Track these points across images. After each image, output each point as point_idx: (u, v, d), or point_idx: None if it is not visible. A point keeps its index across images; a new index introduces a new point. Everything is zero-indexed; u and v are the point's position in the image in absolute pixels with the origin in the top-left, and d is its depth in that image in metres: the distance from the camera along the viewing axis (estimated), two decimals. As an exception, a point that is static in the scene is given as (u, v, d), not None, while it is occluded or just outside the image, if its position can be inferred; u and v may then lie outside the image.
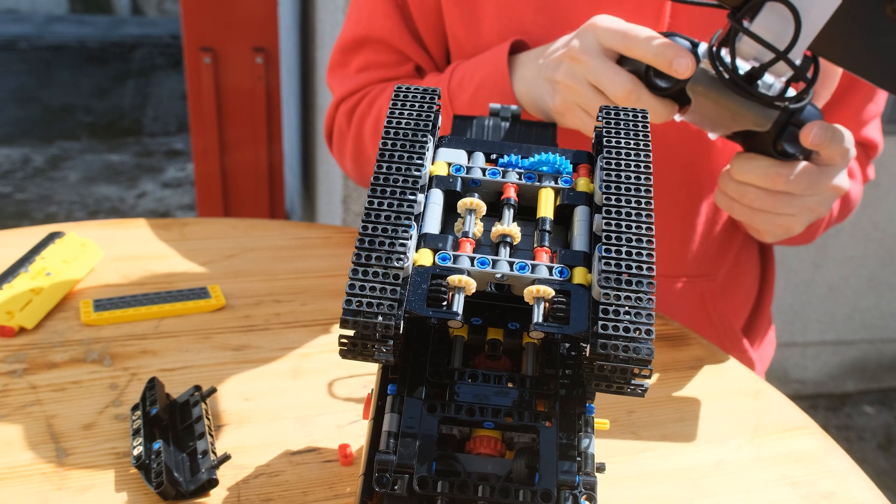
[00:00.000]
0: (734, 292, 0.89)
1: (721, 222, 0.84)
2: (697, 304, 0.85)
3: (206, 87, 2.05)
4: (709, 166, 0.80)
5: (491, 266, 0.38)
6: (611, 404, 0.58)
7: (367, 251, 0.36)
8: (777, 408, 0.59)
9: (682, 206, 0.81)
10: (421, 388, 0.38)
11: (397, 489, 0.35)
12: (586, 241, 0.40)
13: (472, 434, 0.38)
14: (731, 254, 0.87)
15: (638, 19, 0.73)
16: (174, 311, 0.64)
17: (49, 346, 0.59)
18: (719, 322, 0.86)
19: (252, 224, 0.81)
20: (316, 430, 0.53)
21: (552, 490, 0.35)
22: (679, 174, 0.80)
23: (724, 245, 0.86)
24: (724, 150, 0.80)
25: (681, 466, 0.52)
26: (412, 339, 0.40)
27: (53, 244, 0.70)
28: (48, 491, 0.46)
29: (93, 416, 0.52)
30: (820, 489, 0.51)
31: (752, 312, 0.93)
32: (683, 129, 0.77)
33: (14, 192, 2.97)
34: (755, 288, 0.94)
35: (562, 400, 0.38)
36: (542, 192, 0.42)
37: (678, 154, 0.78)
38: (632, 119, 0.43)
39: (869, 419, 2.18)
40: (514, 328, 0.41)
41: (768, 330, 0.96)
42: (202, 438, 0.49)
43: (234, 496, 0.46)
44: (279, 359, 0.60)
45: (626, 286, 0.36)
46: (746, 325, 0.93)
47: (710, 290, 0.85)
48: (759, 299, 0.94)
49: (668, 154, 0.78)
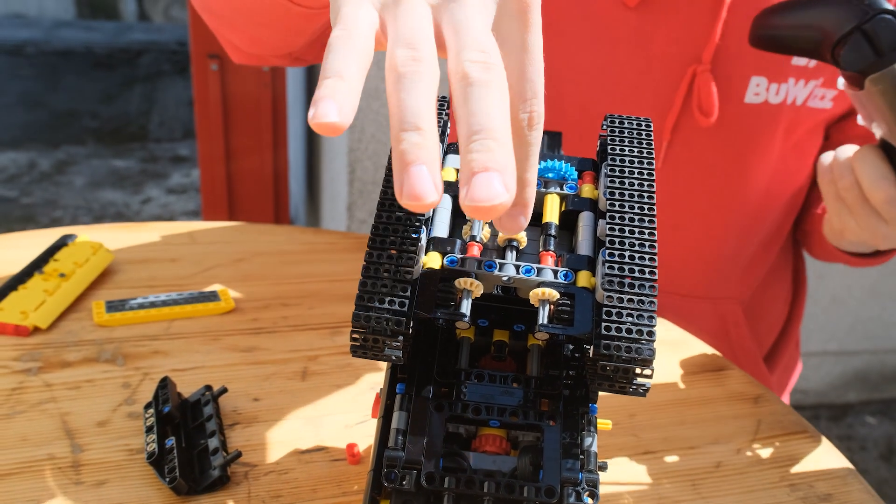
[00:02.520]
0: (759, 317, 0.88)
1: (751, 247, 0.83)
2: (717, 326, 0.84)
3: (212, 93, 2.06)
4: (743, 190, 0.79)
5: (498, 269, 0.39)
6: (613, 407, 0.59)
7: (378, 251, 0.37)
8: (777, 413, 0.60)
9: (710, 227, 0.81)
10: (429, 388, 0.39)
11: (405, 484, 0.37)
12: (590, 245, 0.41)
13: (478, 432, 0.40)
14: (758, 279, 0.86)
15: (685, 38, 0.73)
16: (184, 313, 0.65)
17: (63, 345, 0.60)
18: (738, 346, 0.85)
19: (260, 229, 0.82)
20: (324, 430, 0.54)
21: (556, 486, 0.36)
22: (711, 196, 0.79)
23: (752, 269, 0.85)
24: (762, 177, 0.79)
25: (681, 468, 0.53)
26: (420, 340, 0.41)
27: (66, 247, 0.71)
28: (65, 484, 0.47)
29: (106, 414, 0.53)
30: (818, 491, 0.52)
31: (778, 338, 0.93)
32: (722, 151, 0.77)
33: (20, 196, 2.99)
34: (784, 314, 0.93)
35: (565, 400, 0.40)
36: (548, 198, 0.43)
37: (713, 175, 0.78)
38: (636, 127, 0.44)
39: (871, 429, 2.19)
40: (520, 330, 0.42)
41: (795, 356, 0.94)
42: (213, 436, 0.50)
43: (244, 492, 0.48)
44: (287, 360, 0.61)
45: (629, 289, 0.37)
46: (771, 350, 0.92)
47: (732, 314, 0.84)
48: (787, 326, 0.93)
49: (702, 175, 0.78)
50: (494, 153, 0.30)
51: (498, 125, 0.31)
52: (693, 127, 0.75)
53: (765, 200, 0.81)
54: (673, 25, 0.72)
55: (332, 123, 0.30)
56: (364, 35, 0.33)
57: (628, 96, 0.75)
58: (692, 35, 0.72)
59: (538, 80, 0.36)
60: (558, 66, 0.75)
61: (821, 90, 0.75)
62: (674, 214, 0.78)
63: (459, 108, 0.32)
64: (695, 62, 0.73)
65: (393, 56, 0.32)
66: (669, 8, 0.72)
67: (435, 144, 0.30)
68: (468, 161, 0.30)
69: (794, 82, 0.74)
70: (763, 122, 0.76)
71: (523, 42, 0.36)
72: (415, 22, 0.33)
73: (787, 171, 0.81)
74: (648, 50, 0.74)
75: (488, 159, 0.30)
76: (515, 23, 0.36)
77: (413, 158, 0.30)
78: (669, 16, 0.72)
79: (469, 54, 0.32)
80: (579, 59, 0.74)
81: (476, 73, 0.32)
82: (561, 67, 0.75)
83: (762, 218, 0.82)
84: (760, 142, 0.77)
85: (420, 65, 0.32)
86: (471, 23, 0.34)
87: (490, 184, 0.29)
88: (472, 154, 0.30)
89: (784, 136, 0.77)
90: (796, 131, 0.78)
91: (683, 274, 0.82)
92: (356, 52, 0.32)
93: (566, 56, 0.74)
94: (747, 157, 0.77)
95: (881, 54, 0.55)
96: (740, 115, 0.75)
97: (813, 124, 0.78)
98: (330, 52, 0.32)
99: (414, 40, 0.33)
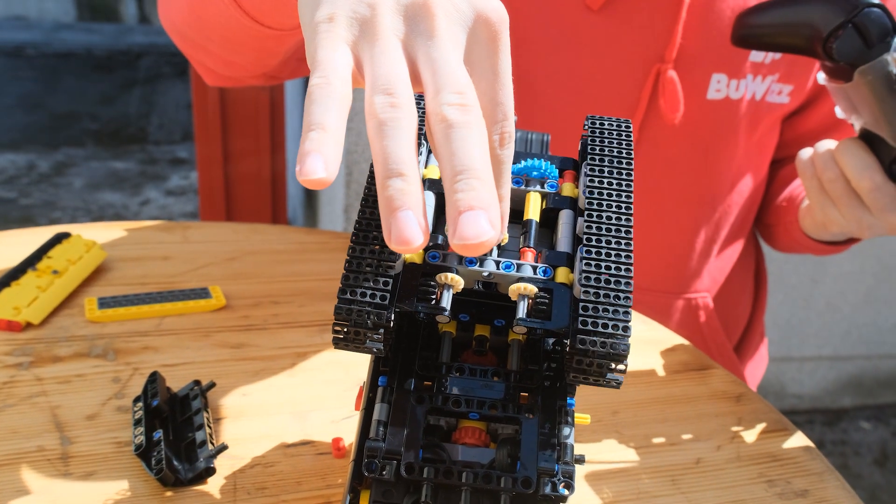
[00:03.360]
0: (728, 311, 0.90)
1: (719, 242, 0.85)
2: (692, 320, 0.86)
3: (211, 96, 2.07)
4: (711, 186, 0.81)
5: (478, 265, 0.40)
6: (595, 404, 0.59)
7: (361, 246, 0.38)
8: (758, 411, 0.61)
9: (681, 224, 0.82)
10: (410, 381, 0.40)
11: (385, 474, 0.37)
12: (569, 242, 0.42)
13: (458, 425, 0.40)
14: (726, 272, 0.89)
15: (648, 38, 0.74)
16: (176, 309, 0.66)
17: (54, 340, 0.61)
18: (712, 339, 0.87)
19: (252, 228, 0.83)
20: (310, 425, 0.55)
21: (532, 477, 0.37)
22: (681, 192, 0.81)
23: (721, 263, 0.87)
24: (728, 173, 0.81)
25: (661, 464, 0.54)
26: (402, 334, 0.42)
27: (60, 244, 0.72)
28: (53, 476, 0.48)
29: (96, 408, 0.54)
30: (795, 487, 0.53)
31: (745, 330, 0.95)
32: (688, 148, 0.79)
33: (19, 197, 2.99)
34: (749, 307, 0.95)
35: (544, 393, 0.40)
36: (529, 196, 0.44)
37: (681, 172, 0.80)
38: (615, 128, 0.45)
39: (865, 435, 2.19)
40: (500, 325, 0.43)
41: (759, 346, 0.97)
42: (201, 430, 0.50)
43: (230, 484, 0.48)
44: (277, 357, 0.62)
45: (605, 285, 0.38)
46: (740, 342, 0.95)
47: (704, 307, 0.86)
48: (752, 318, 0.95)
49: (671, 171, 0.80)
50: (478, 192, 0.32)
51: (479, 165, 0.32)
52: (659, 125, 0.77)
53: (730, 195, 0.83)
54: (636, 26, 0.74)
55: (320, 179, 0.31)
56: (342, 80, 0.35)
57: (596, 98, 0.77)
58: (654, 35, 0.74)
59: (508, 102, 0.38)
60: (526, 71, 0.76)
61: (777, 85, 0.78)
62: (644, 211, 0.80)
63: (441, 147, 0.33)
64: (658, 61, 0.75)
65: (372, 103, 0.34)
66: (632, 9, 0.74)
67: (418, 188, 0.32)
68: (454, 201, 0.32)
69: (752, 78, 0.77)
70: (725, 117, 0.78)
71: (493, 68, 0.37)
72: (390, 64, 0.35)
73: (749, 165, 0.83)
74: (613, 51, 0.75)
75: (473, 198, 0.31)
76: (485, 50, 0.37)
77: (399, 204, 0.31)
78: (632, 17, 0.74)
79: (447, 97, 0.34)
80: (546, 64, 0.76)
81: (455, 116, 0.33)
82: (529, 72, 0.76)
83: (728, 212, 0.84)
84: (724, 137, 0.79)
85: (398, 111, 0.33)
86: (446, 61, 0.35)
87: (477, 222, 0.31)
88: (457, 194, 0.32)
89: (746, 131, 0.80)
90: (758, 127, 0.80)
91: (656, 269, 0.84)
92: (336, 101, 0.34)
93: (534, 61, 0.76)
94: (712, 153, 0.80)
95: (871, 45, 0.57)
96: (703, 111, 0.77)
97: (771, 120, 0.81)
98: (311, 102, 0.34)
99: (390, 84, 0.34)
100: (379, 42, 0.36)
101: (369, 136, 0.34)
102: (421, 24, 0.36)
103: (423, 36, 0.36)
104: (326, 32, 0.36)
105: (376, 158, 0.33)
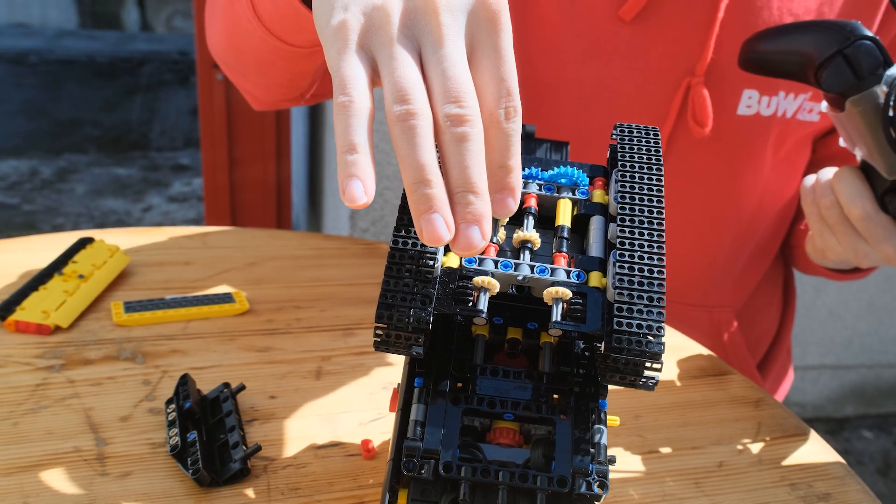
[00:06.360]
0: (752, 325, 0.90)
1: (743, 256, 0.85)
2: (713, 334, 0.86)
3: (217, 103, 2.08)
4: (736, 200, 0.81)
5: (513, 269, 0.41)
6: (618, 409, 0.60)
7: (401, 252, 0.39)
8: (777, 416, 0.62)
9: (705, 236, 0.83)
10: (445, 382, 0.41)
11: (424, 473, 0.38)
12: (601, 247, 0.43)
13: (492, 426, 0.41)
14: (751, 287, 0.88)
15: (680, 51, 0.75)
16: (201, 314, 0.67)
17: (83, 343, 0.62)
18: (733, 354, 0.87)
19: (271, 234, 0.84)
20: (339, 427, 0.55)
21: (568, 476, 0.38)
22: (705, 205, 0.81)
23: (745, 278, 0.87)
24: (755, 188, 0.81)
25: (684, 467, 0.55)
26: (437, 336, 0.43)
27: (84, 249, 0.73)
28: (91, 476, 0.48)
29: (128, 409, 0.55)
30: (817, 490, 0.54)
31: (770, 346, 0.95)
32: (715, 162, 0.79)
33: (22, 203, 3.00)
34: (776, 323, 0.95)
35: (576, 396, 0.41)
36: (561, 203, 0.45)
37: (707, 185, 0.80)
38: (644, 136, 0.46)
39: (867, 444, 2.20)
40: (533, 328, 0.44)
41: (786, 363, 0.97)
42: (233, 431, 0.51)
43: (263, 485, 0.49)
44: (302, 360, 0.63)
45: (639, 287, 0.39)
46: (764, 358, 0.94)
47: (727, 321, 0.86)
48: (779, 334, 0.95)
49: (697, 184, 0.80)
50: (474, 205, 0.37)
51: (476, 179, 0.38)
52: (688, 138, 0.78)
53: (757, 211, 0.83)
54: (667, 39, 0.75)
55: (363, 204, 0.37)
56: (365, 95, 0.38)
57: (624, 108, 0.77)
58: (686, 48, 0.75)
59: (511, 78, 0.40)
60: (555, 80, 0.77)
61: (809, 104, 0.78)
62: (669, 223, 0.81)
63: (443, 155, 0.38)
64: (689, 75, 0.75)
65: (391, 110, 0.38)
66: (664, 22, 0.74)
67: (442, 191, 0.37)
68: (455, 211, 0.37)
69: (784, 95, 0.77)
70: (755, 133, 0.78)
71: (495, 46, 0.40)
72: (403, 69, 0.38)
73: (777, 182, 0.83)
74: (644, 63, 0.76)
75: (470, 211, 0.37)
76: (485, 30, 0.40)
77: (427, 208, 0.37)
78: (664, 30, 0.75)
79: (449, 108, 0.38)
80: (576, 73, 0.76)
81: (457, 129, 0.38)
82: (558, 81, 0.77)
83: (754, 228, 0.84)
84: (752, 153, 0.79)
85: (417, 118, 0.37)
86: (451, 70, 0.39)
87: (472, 234, 0.37)
88: (457, 207, 0.37)
89: (774, 147, 0.80)
90: (786, 143, 0.80)
91: (679, 281, 0.84)
92: (362, 118, 0.38)
93: (563, 70, 0.76)
94: (740, 168, 0.80)
95: (861, 77, 0.58)
96: (733, 126, 0.77)
97: (801, 136, 0.81)
98: (339, 122, 0.38)
99: (406, 92, 0.38)
100: (391, 46, 0.39)
101: (393, 139, 0.38)
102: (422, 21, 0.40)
103: (429, 35, 0.39)
104: (342, 40, 0.39)
105: (403, 164, 0.37)
